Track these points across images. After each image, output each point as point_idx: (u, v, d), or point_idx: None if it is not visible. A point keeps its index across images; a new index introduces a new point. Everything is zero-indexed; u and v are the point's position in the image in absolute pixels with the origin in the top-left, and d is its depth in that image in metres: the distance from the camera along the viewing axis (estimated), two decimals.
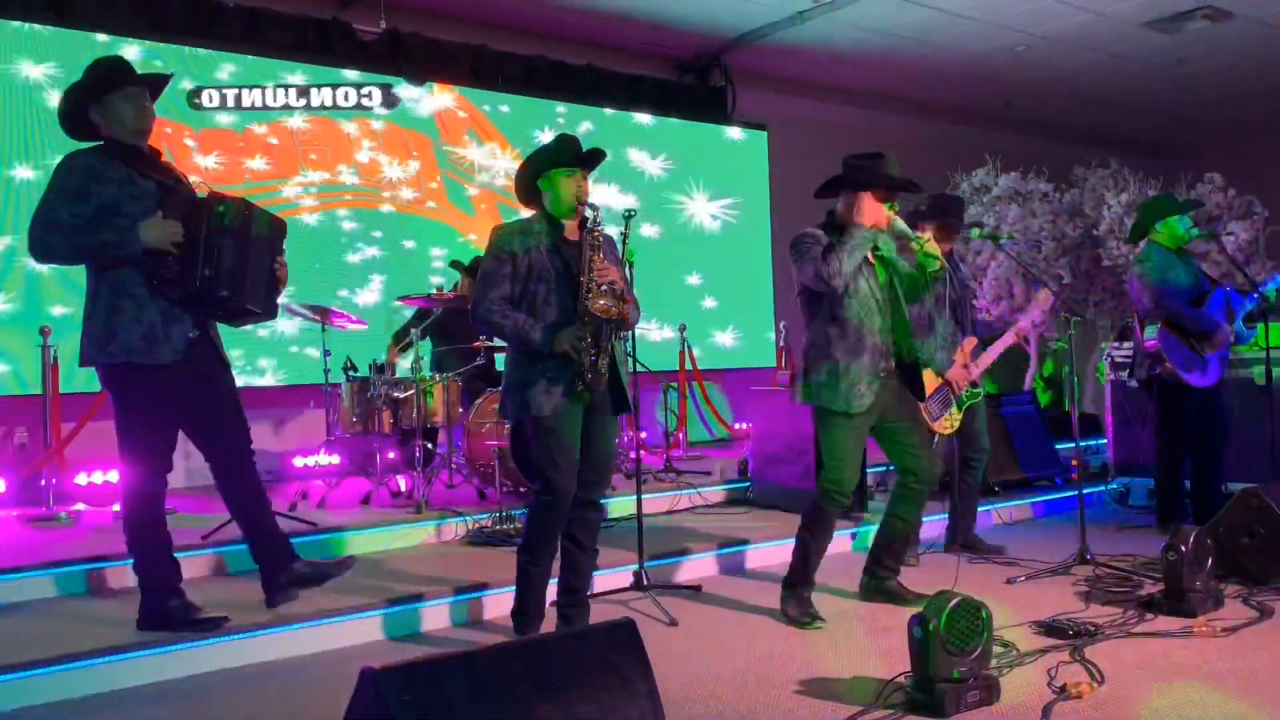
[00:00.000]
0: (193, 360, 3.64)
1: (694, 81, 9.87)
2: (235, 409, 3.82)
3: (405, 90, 7.88)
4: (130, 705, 3.35)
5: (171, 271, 3.53)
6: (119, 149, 3.59)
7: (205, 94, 7.06)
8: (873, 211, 4.05)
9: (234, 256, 3.57)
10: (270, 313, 3.81)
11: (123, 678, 3.50)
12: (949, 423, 4.91)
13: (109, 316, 3.52)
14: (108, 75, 3.63)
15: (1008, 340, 5.14)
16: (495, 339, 5.96)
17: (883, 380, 4.04)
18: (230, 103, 7.15)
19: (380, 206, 7.74)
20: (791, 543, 4.15)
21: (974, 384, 5.02)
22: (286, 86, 7.37)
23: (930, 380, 4.85)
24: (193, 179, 3.95)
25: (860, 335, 4.02)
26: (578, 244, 3.73)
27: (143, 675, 3.53)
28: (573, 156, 3.73)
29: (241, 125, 7.18)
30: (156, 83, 3.77)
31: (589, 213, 3.70)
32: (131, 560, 3.75)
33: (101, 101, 3.60)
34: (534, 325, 3.61)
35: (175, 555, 3.77)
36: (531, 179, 3.79)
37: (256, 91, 7.26)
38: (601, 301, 3.60)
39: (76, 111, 3.63)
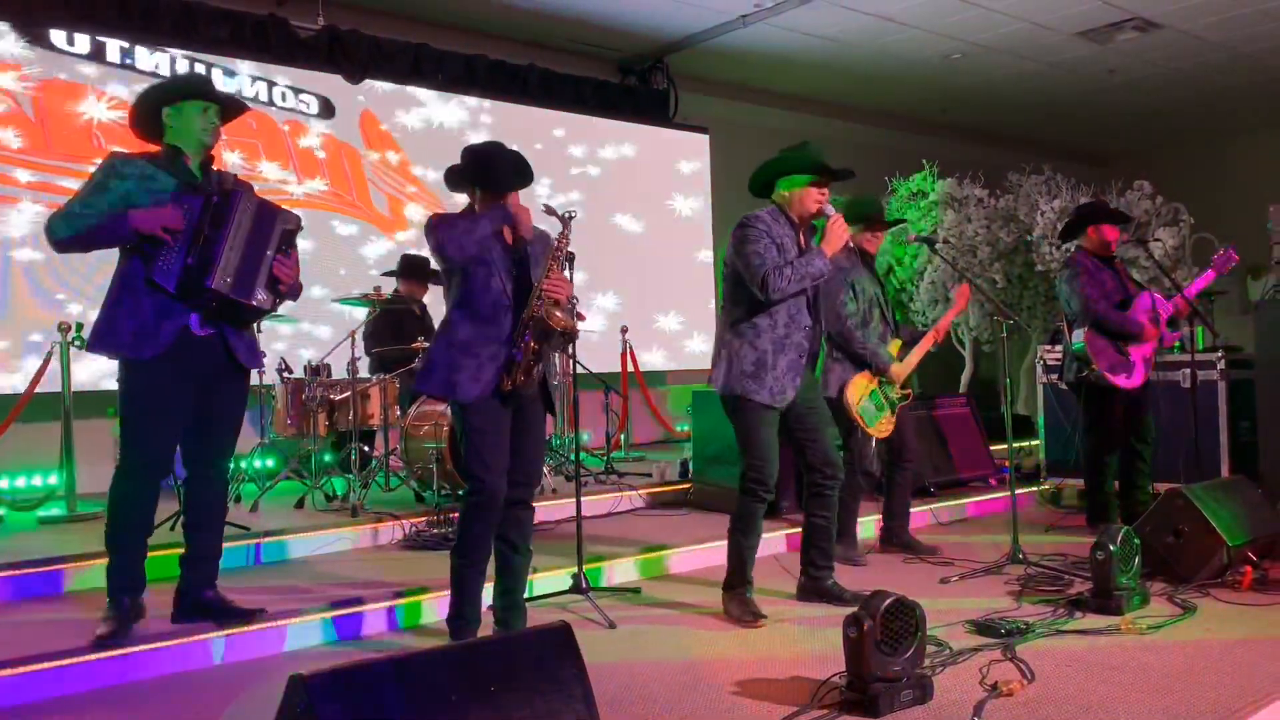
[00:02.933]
0: (190, 359, 3.57)
1: (637, 83, 9.88)
2: (230, 421, 3.78)
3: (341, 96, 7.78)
4: (58, 714, 3.25)
5: (169, 263, 3.49)
6: (166, 154, 3.62)
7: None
8: (805, 198, 4.09)
9: (222, 247, 3.50)
10: (266, 306, 3.70)
11: (48, 687, 3.39)
12: (885, 425, 4.94)
13: (111, 308, 3.54)
14: (191, 82, 3.77)
15: (929, 340, 5.09)
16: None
17: (801, 372, 4.09)
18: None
19: (312, 206, 7.64)
20: None
21: (903, 385, 5.04)
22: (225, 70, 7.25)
23: (864, 383, 4.88)
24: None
25: (790, 330, 4.05)
26: (516, 242, 3.72)
27: (67, 684, 3.42)
28: (494, 182, 3.67)
29: None
30: (233, 105, 3.83)
31: (564, 225, 3.72)
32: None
33: (179, 106, 3.62)
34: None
35: (131, 561, 3.64)
36: (465, 183, 3.77)
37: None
38: (559, 313, 3.61)
39: (151, 109, 3.65)
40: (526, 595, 4.22)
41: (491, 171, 3.70)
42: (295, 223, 3.79)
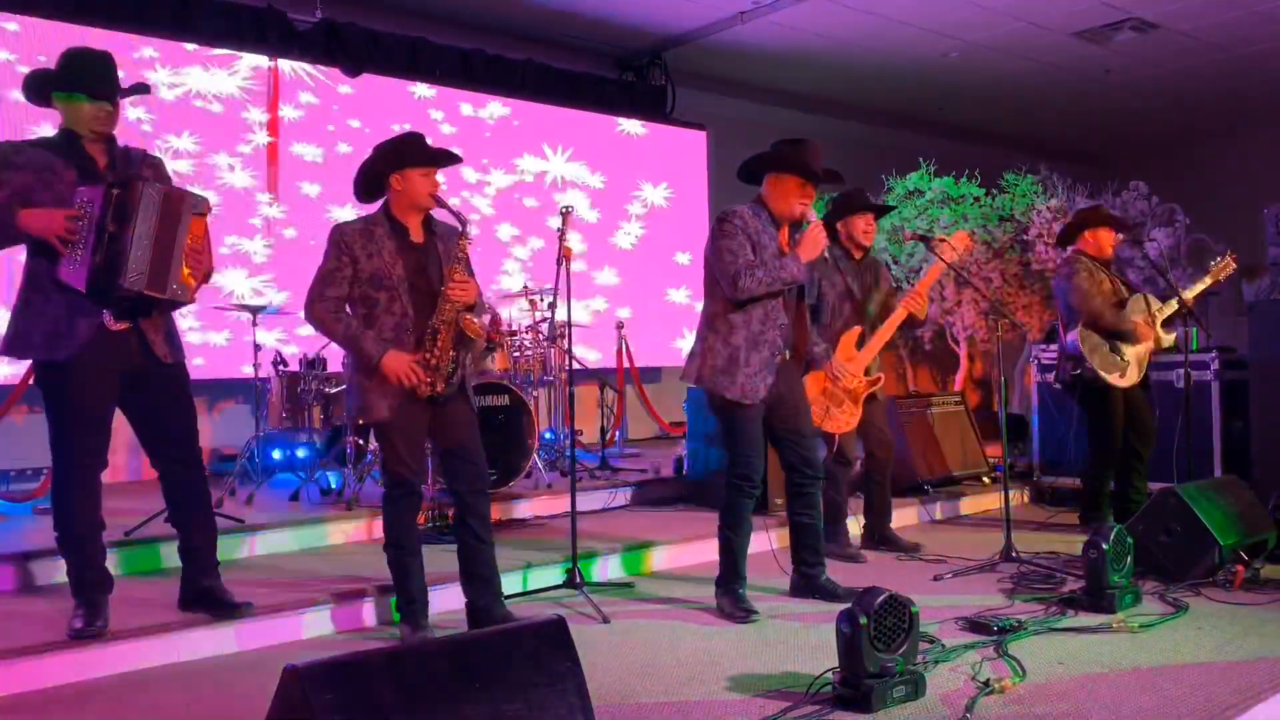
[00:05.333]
0: (107, 356, 3.49)
1: (634, 79, 9.87)
2: (177, 410, 3.69)
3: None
4: (49, 707, 3.25)
5: (77, 262, 3.38)
6: (62, 138, 3.51)
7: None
8: (789, 196, 4.09)
9: (131, 242, 3.38)
10: (181, 298, 3.58)
11: (40, 678, 3.39)
12: (844, 419, 4.87)
13: (20, 309, 3.45)
14: (86, 78, 3.53)
15: (898, 317, 4.91)
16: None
17: (776, 369, 4.08)
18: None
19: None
20: None
21: (867, 374, 4.89)
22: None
23: (811, 381, 4.74)
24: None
25: (764, 327, 4.04)
26: (423, 247, 3.69)
27: (61, 675, 3.42)
28: (427, 155, 3.66)
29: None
30: (131, 93, 3.67)
31: (473, 231, 3.65)
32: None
33: (69, 95, 3.51)
34: (366, 335, 3.55)
35: (89, 562, 3.59)
36: (381, 174, 3.67)
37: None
38: (473, 318, 3.60)
39: (38, 97, 3.55)
40: (521, 590, 4.24)
41: (405, 147, 3.64)
42: (204, 207, 3.67)
